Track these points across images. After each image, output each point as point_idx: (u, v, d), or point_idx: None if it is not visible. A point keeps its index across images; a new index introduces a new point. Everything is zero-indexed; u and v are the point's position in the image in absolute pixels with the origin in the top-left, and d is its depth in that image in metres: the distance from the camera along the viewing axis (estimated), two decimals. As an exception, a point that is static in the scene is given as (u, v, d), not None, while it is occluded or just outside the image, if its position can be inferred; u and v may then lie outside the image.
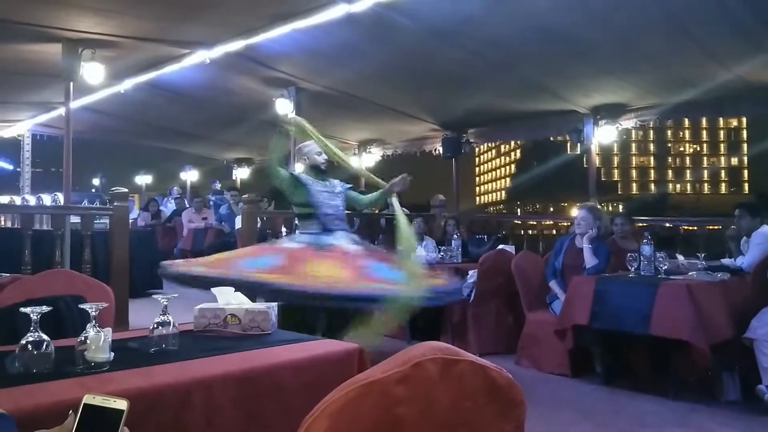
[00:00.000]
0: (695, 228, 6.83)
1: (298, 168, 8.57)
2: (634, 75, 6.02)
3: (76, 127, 6.74)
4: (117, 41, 5.90)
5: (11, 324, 1.80)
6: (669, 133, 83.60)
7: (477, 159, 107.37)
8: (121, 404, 0.91)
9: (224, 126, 9.31)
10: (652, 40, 5.16)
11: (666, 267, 4.09)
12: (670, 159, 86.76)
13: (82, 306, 1.61)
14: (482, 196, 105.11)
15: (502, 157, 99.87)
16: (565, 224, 6.96)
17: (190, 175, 14.33)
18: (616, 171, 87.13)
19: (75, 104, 6.85)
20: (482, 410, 1.07)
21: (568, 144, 77.06)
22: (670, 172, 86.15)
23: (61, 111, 7.68)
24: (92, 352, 1.51)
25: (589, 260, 4.36)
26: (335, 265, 3.40)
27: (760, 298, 3.76)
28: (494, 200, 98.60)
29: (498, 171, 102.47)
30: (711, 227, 6.74)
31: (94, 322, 1.56)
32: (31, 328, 1.49)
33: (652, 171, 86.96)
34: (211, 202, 9.91)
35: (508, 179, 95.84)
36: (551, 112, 7.45)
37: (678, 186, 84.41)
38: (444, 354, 1.03)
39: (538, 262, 4.91)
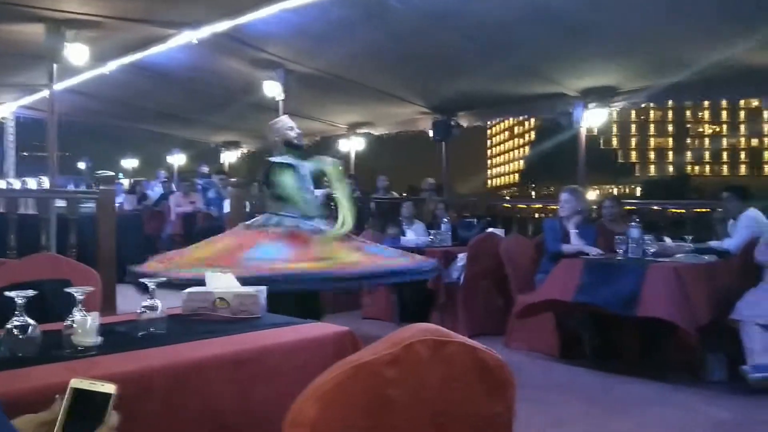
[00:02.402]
0: (683, 211, 6.88)
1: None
2: (624, 57, 6.02)
3: (60, 110, 6.64)
4: (101, 21, 5.79)
5: (-4, 308, 1.77)
6: (688, 113, 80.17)
7: (489, 141, 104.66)
8: (109, 388, 0.90)
9: (212, 109, 9.22)
10: (643, 22, 5.14)
11: (653, 249, 4.12)
12: (689, 140, 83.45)
13: (68, 290, 1.59)
14: (494, 179, 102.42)
15: (516, 139, 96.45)
16: (554, 207, 6.99)
17: (177, 159, 14.21)
18: (633, 153, 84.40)
19: (59, 86, 6.75)
20: (473, 391, 1.07)
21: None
22: (688, 153, 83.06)
23: (44, 93, 7.55)
24: (79, 336, 1.50)
25: (576, 244, 4.38)
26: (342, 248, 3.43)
27: (746, 280, 3.80)
28: (507, 182, 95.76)
29: (511, 153, 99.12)
30: (698, 210, 6.80)
31: (80, 306, 1.55)
32: (16, 313, 1.47)
33: (671, 152, 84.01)
34: (199, 186, 9.83)
35: (521, 161, 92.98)
36: (541, 95, 7.43)
37: (696, 168, 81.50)
38: (434, 335, 1.02)
39: (527, 245, 4.93)
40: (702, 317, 3.60)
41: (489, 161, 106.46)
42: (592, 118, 7.23)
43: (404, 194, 10.44)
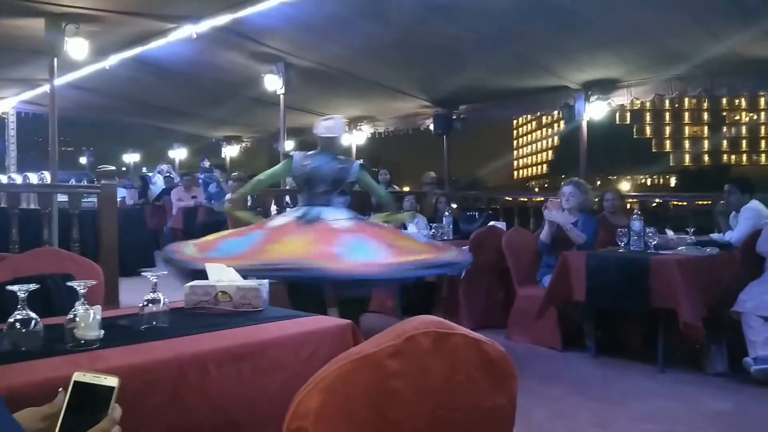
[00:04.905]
0: (685, 203, 6.88)
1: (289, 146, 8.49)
2: (626, 49, 5.99)
3: (61, 105, 6.64)
4: (101, 16, 5.78)
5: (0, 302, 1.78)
6: (724, 101, 74.55)
7: (515, 132, 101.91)
8: (112, 381, 0.90)
9: (212, 103, 9.21)
10: (645, 14, 5.12)
11: (655, 242, 4.11)
12: (725, 129, 79.84)
13: (70, 283, 1.59)
14: (521, 170, 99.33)
15: (543, 129, 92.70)
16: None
17: (179, 153, 14.21)
18: (668, 142, 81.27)
19: (60, 81, 6.74)
20: (475, 383, 1.07)
21: (617, 114, 68.15)
22: (725, 142, 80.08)
23: (45, 88, 7.55)
24: (82, 330, 1.50)
25: (576, 237, 4.35)
26: (308, 240, 3.41)
27: (748, 272, 3.80)
28: (535, 174, 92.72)
29: (539, 144, 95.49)
30: (700, 202, 6.80)
31: (83, 299, 1.55)
32: (19, 306, 1.47)
33: (706, 141, 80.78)
34: (201, 181, 9.84)
35: (550, 152, 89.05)
36: (543, 88, 7.42)
37: (733, 157, 78.73)
38: (437, 328, 1.02)
39: (528, 238, 4.93)
40: (704, 309, 3.61)
41: (515, 152, 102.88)
42: (594, 111, 7.20)
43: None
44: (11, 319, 1.47)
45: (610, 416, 3.10)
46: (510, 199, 8.42)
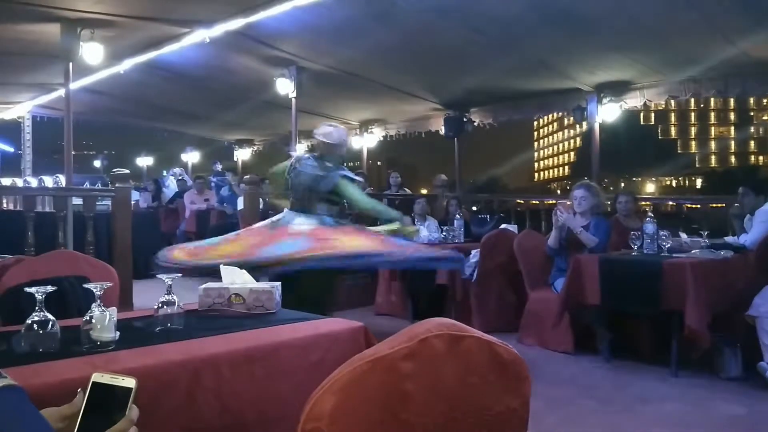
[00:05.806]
0: (698, 206, 6.82)
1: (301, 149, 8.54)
2: (638, 52, 5.97)
3: (76, 109, 6.71)
4: (116, 21, 5.84)
5: (16, 304, 1.80)
6: (751, 101, 71.11)
7: (536, 133, 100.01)
8: (130, 382, 0.91)
9: (225, 106, 9.27)
10: (657, 16, 5.10)
11: (669, 245, 4.08)
12: (752, 129, 77.50)
13: (86, 285, 1.61)
14: (542, 172, 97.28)
15: (565, 131, 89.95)
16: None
17: (192, 157, 14.29)
18: (693, 142, 79.15)
19: (75, 85, 6.81)
20: (488, 386, 1.07)
21: (641, 114, 66.66)
22: (752, 143, 77.55)
23: (60, 92, 7.64)
24: (98, 332, 1.52)
25: (587, 240, 4.33)
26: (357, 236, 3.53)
27: (763, 275, 3.76)
28: (557, 176, 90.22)
29: (561, 145, 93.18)
30: (714, 205, 6.74)
31: (99, 301, 1.56)
32: (36, 308, 1.49)
33: (732, 142, 78.35)
34: (213, 184, 9.89)
35: (572, 153, 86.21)
36: (555, 90, 7.40)
37: (761, 158, 75.68)
38: (450, 330, 1.03)
39: (540, 241, 4.91)
40: (717, 312, 3.58)
41: (536, 153, 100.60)
42: (606, 113, 7.17)
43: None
44: (29, 321, 1.49)
45: (622, 420, 3.09)
46: (522, 201, 8.38)
